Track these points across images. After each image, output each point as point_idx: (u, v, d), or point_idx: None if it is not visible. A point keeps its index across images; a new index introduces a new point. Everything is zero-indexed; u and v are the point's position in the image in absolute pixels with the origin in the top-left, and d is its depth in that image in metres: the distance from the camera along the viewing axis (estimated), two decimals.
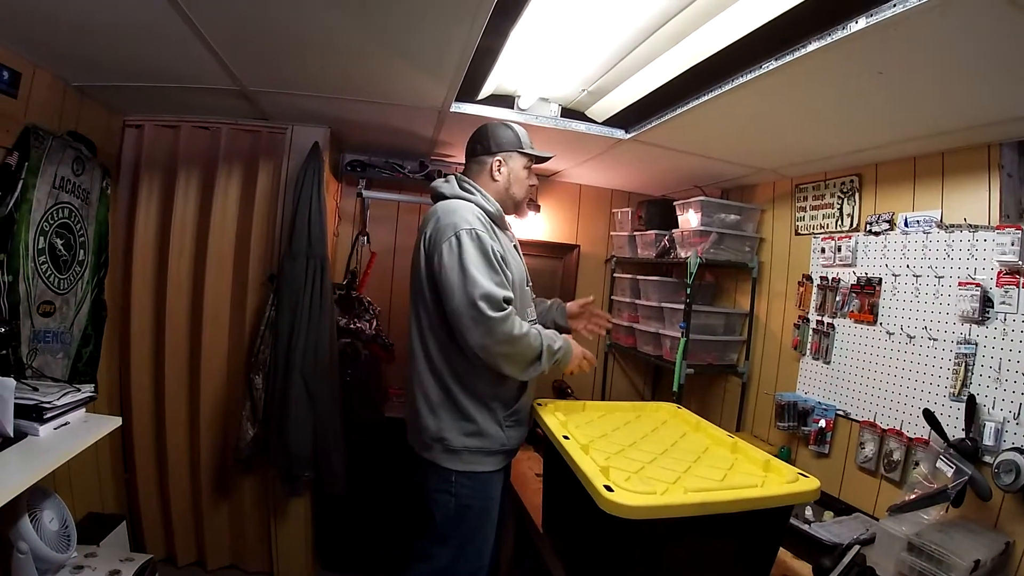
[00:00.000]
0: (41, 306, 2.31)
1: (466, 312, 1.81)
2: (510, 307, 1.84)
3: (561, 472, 1.79)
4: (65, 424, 1.96)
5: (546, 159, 2.23)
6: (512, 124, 2.16)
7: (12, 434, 1.76)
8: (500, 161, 2.11)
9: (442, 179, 2.16)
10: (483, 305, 1.78)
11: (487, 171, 2.12)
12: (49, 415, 1.88)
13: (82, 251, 2.56)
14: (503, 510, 2.17)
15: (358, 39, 1.88)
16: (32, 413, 1.85)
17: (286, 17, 1.75)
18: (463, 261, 1.83)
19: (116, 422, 2.12)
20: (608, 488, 1.44)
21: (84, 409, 2.08)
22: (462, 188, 2.07)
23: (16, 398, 1.78)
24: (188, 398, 2.97)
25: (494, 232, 1.98)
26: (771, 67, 1.70)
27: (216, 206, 2.91)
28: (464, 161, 2.21)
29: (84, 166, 2.51)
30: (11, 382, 1.76)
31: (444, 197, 2.07)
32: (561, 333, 2.16)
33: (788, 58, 1.63)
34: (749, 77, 1.81)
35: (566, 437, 1.82)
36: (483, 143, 2.13)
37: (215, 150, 2.93)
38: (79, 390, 2.05)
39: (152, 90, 2.51)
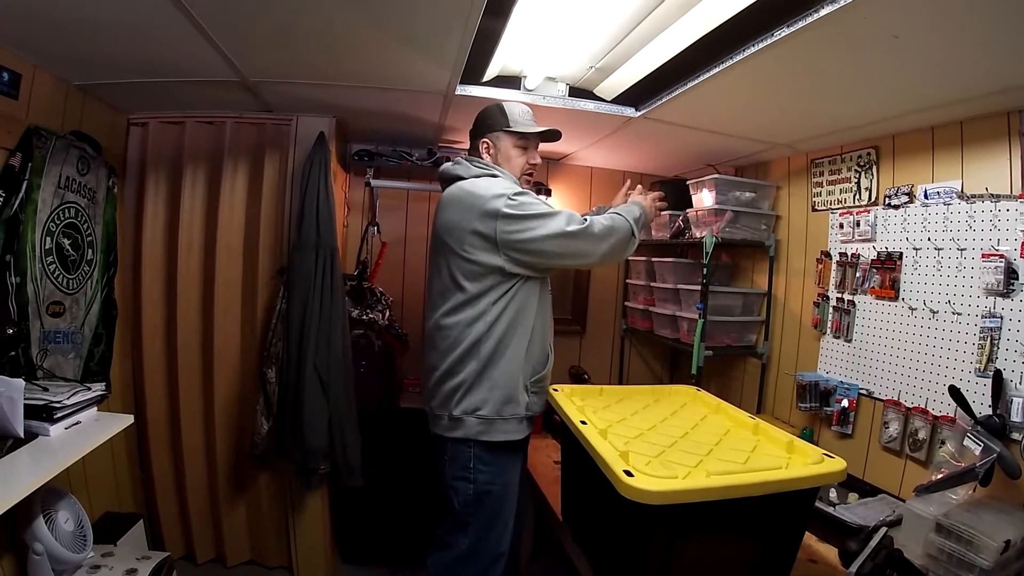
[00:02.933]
0: (50, 306, 2.30)
1: (568, 244, 1.95)
2: (585, 219, 1.98)
3: (579, 459, 1.76)
4: (76, 424, 1.97)
5: (536, 134, 2.19)
6: (505, 103, 2.17)
7: (22, 435, 1.76)
8: (488, 143, 2.15)
9: (450, 163, 2.17)
10: (573, 228, 1.93)
11: (478, 153, 2.17)
12: (59, 415, 1.88)
13: (90, 250, 2.55)
14: (522, 497, 2.17)
15: (356, 24, 1.83)
16: (42, 413, 1.85)
17: (283, 5, 1.72)
18: (531, 212, 1.93)
19: (128, 420, 2.12)
20: (628, 473, 1.40)
21: (96, 408, 2.09)
22: (480, 167, 2.10)
23: (26, 399, 1.79)
24: (202, 394, 2.96)
25: None
26: (783, 34, 1.64)
27: (224, 201, 2.89)
28: (469, 149, 2.27)
29: (89, 165, 2.50)
30: (20, 383, 1.76)
31: (461, 178, 2.08)
32: None
33: (800, 24, 1.57)
34: (760, 46, 1.75)
35: (584, 422, 1.78)
36: (475, 127, 2.20)
37: (220, 145, 2.91)
38: (89, 389, 2.05)
39: (154, 86, 2.48)
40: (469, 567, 2.02)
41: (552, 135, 2.22)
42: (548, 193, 3.76)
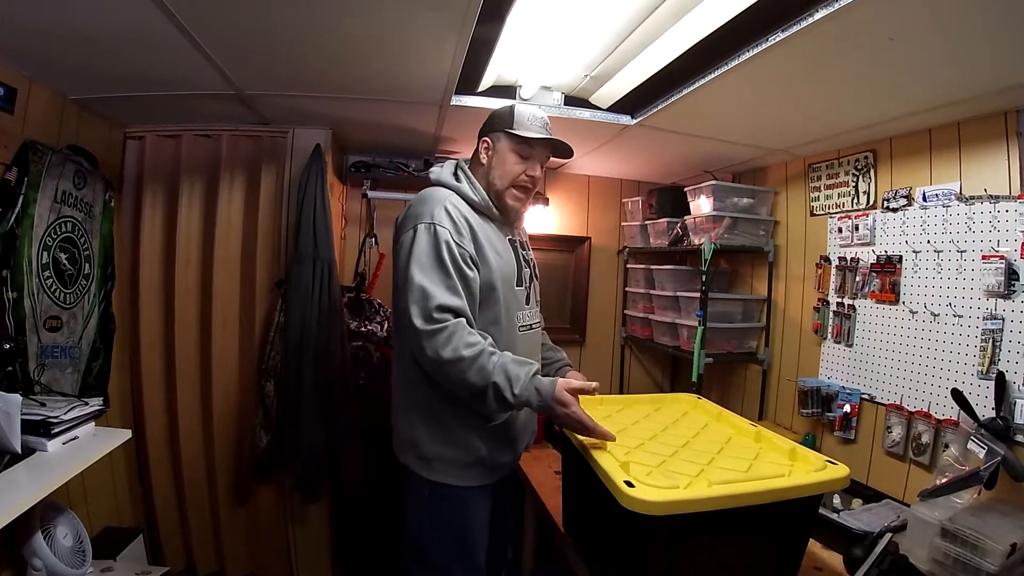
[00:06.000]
0: (47, 321, 2.29)
1: (401, 316, 1.67)
2: (448, 319, 1.60)
3: (580, 469, 1.74)
4: (74, 439, 1.96)
5: (542, 143, 1.89)
6: (519, 105, 1.91)
7: (20, 450, 1.75)
8: (487, 143, 1.91)
9: (441, 164, 1.96)
10: (413, 310, 1.61)
11: (478, 155, 1.93)
12: (57, 430, 1.87)
13: (87, 265, 2.54)
14: (498, 524, 2.00)
15: (350, 35, 1.84)
16: (40, 428, 1.84)
17: (277, 17, 1.72)
18: (409, 258, 1.67)
19: (126, 435, 2.11)
20: (629, 484, 1.38)
21: (94, 423, 2.08)
22: (454, 174, 1.89)
23: (23, 414, 1.78)
24: (201, 408, 2.95)
25: (469, 224, 1.77)
26: (777, 39, 1.64)
27: (221, 214, 2.89)
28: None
29: (86, 179, 2.49)
30: (17, 398, 1.75)
31: (430, 183, 1.91)
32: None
33: (795, 28, 1.57)
34: (755, 52, 1.75)
35: None
36: (482, 126, 1.97)
37: (217, 158, 2.91)
38: (87, 404, 2.04)
39: (150, 99, 2.48)
40: None
41: (561, 147, 1.94)
42: (546, 202, 3.76)
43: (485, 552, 1.90)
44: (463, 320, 1.63)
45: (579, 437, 1.71)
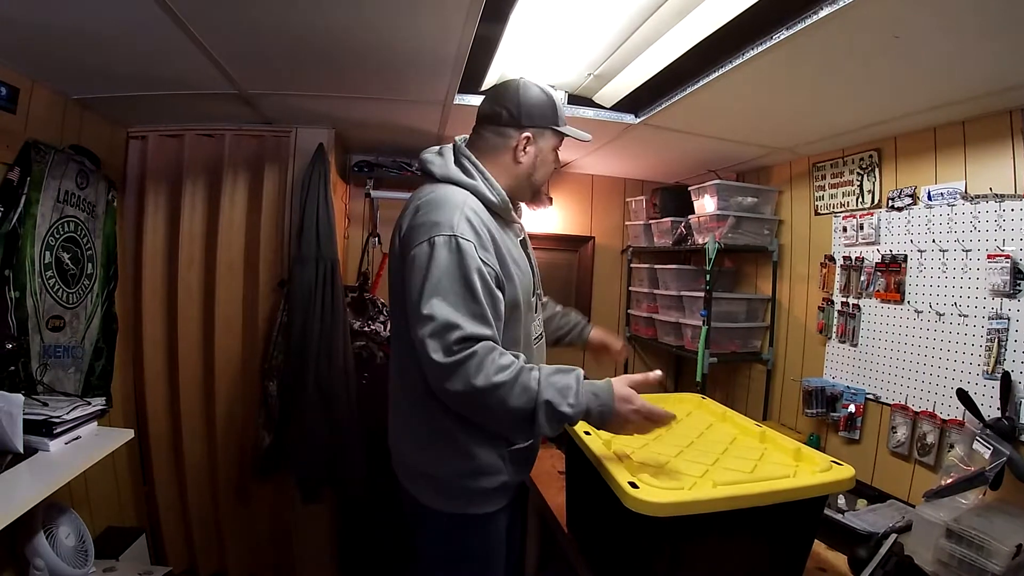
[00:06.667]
0: (50, 321, 2.29)
1: (419, 347, 1.40)
2: (473, 346, 1.37)
3: (584, 470, 1.74)
4: (76, 438, 1.96)
5: (583, 140, 1.79)
6: (547, 88, 1.67)
7: (22, 450, 1.76)
8: (529, 138, 1.63)
9: (434, 150, 1.68)
10: (431, 344, 1.36)
11: (510, 148, 1.63)
12: (59, 430, 1.88)
13: (90, 264, 2.54)
14: (511, 535, 1.84)
15: (353, 34, 1.83)
16: (42, 428, 1.85)
17: (280, 17, 1.71)
18: (425, 280, 1.41)
19: (128, 434, 2.12)
20: (633, 485, 1.38)
21: (96, 423, 2.08)
22: (460, 166, 1.60)
23: (25, 414, 1.78)
24: (204, 408, 2.95)
25: (491, 234, 1.52)
26: (782, 37, 1.63)
27: (224, 213, 2.89)
28: (475, 126, 1.71)
29: (88, 179, 2.50)
30: (19, 398, 1.75)
31: (433, 178, 1.62)
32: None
33: (799, 26, 1.56)
34: (758, 50, 1.74)
35: (587, 433, 1.76)
36: (510, 108, 1.62)
37: (220, 157, 2.91)
38: (89, 404, 2.04)
39: (152, 99, 2.48)
40: None
41: (584, 140, 1.81)
42: (550, 201, 3.74)
43: (503, 570, 1.75)
44: (490, 343, 1.41)
45: (582, 438, 1.70)
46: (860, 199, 2.65)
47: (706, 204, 3.16)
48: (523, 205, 1.81)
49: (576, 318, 2.14)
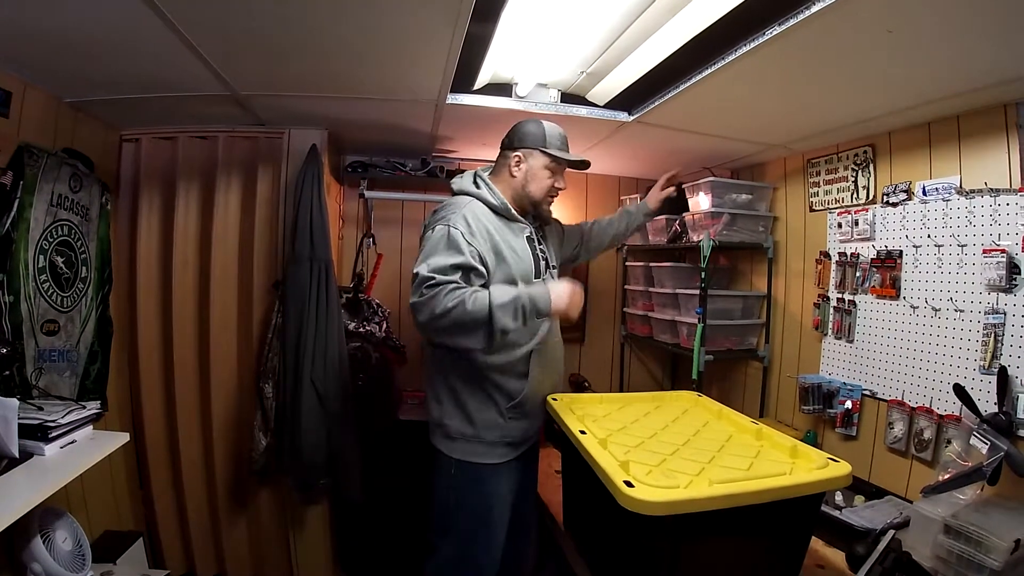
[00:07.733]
0: (45, 325, 2.28)
1: (413, 294, 1.81)
2: (435, 286, 1.75)
3: (580, 469, 1.74)
4: (72, 443, 1.95)
5: (573, 163, 2.17)
6: (545, 123, 2.14)
7: (17, 454, 1.75)
8: (519, 157, 2.11)
9: (461, 174, 2.20)
10: (413, 293, 1.79)
11: (508, 166, 2.12)
12: (54, 434, 1.87)
13: (84, 268, 2.53)
14: (520, 509, 2.15)
15: (344, 34, 1.82)
16: (37, 432, 1.84)
17: (271, 18, 1.71)
18: (421, 252, 1.90)
19: (124, 438, 2.11)
20: (628, 484, 1.38)
21: (91, 426, 2.07)
22: (474, 183, 2.12)
23: (20, 418, 1.77)
24: (200, 410, 2.94)
25: (486, 228, 1.97)
26: (774, 33, 1.62)
27: (217, 215, 2.88)
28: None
29: (82, 183, 2.49)
30: (14, 402, 1.74)
31: (452, 192, 2.15)
32: None
33: (791, 22, 1.55)
34: (752, 46, 1.73)
35: (583, 432, 1.76)
36: (509, 137, 2.15)
37: (213, 159, 2.90)
38: (84, 407, 2.04)
39: (146, 102, 2.47)
40: (455, 573, 2.06)
41: (583, 165, 2.21)
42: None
43: (505, 531, 2.08)
44: (451, 284, 1.77)
45: (578, 436, 1.70)
46: (855, 195, 2.65)
47: (701, 201, 3.15)
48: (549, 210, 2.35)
49: (631, 208, 2.74)
